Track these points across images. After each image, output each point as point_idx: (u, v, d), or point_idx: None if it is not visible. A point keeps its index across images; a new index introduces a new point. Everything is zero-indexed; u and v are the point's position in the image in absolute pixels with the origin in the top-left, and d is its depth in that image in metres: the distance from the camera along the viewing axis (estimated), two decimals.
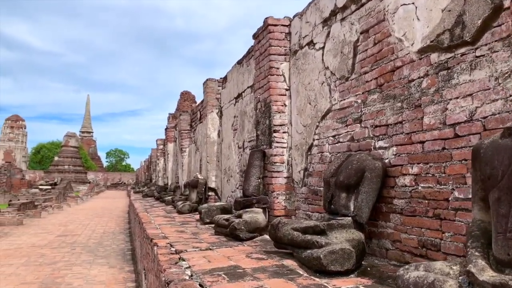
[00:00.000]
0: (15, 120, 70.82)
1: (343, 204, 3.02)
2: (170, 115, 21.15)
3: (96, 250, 10.36)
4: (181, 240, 4.39)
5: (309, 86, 4.26)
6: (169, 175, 14.94)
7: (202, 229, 5.42)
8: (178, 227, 5.69)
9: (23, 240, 11.78)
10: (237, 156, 6.83)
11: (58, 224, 16.13)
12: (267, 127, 4.72)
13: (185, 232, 5.09)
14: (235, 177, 6.94)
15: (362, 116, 3.35)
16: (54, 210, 22.39)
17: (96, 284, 6.98)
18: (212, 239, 4.39)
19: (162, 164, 17.98)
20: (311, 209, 4.16)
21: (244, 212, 4.45)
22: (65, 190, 35.36)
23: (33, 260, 8.98)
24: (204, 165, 8.49)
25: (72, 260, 9.03)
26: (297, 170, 4.48)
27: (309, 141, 4.22)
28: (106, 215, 19.94)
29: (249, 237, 4.23)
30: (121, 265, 8.61)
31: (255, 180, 4.63)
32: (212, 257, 3.40)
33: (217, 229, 4.75)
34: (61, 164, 55.50)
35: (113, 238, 12.50)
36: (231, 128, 7.28)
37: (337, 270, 2.56)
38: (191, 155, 11.10)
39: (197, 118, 10.30)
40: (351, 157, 3.13)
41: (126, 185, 56.55)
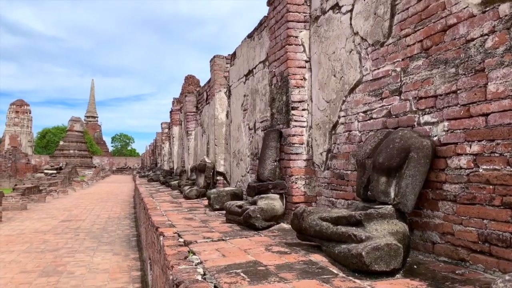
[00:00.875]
0: (20, 105, 70.52)
1: (382, 190, 2.55)
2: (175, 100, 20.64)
3: (100, 236, 10.03)
4: (189, 229, 3.96)
5: (334, 56, 3.75)
6: (175, 159, 14.54)
7: (211, 216, 4.99)
8: (186, 213, 5.27)
9: (26, 226, 11.49)
10: (248, 138, 6.36)
11: (63, 209, 15.86)
12: (284, 104, 4.23)
13: (194, 220, 4.66)
14: (245, 161, 6.49)
15: (402, 87, 2.84)
16: (59, 194, 22.16)
17: (99, 272, 6.62)
18: (224, 228, 3.95)
19: (168, 148, 17.57)
20: (335, 195, 3.69)
21: (259, 198, 3.99)
22: (70, 174, 35.20)
23: (35, 246, 8.66)
24: (211, 148, 8.03)
25: (75, 246, 8.69)
26: (318, 151, 4.00)
27: (334, 119, 3.73)
28: (111, 200, 19.68)
29: (265, 226, 3.78)
30: (126, 252, 8.26)
31: (270, 163, 4.16)
32: (227, 250, 2.96)
33: (229, 217, 4.31)
34: (66, 148, 55.45)
35: (118, 223, 12.18)
36: (240, 108, 6.79)
37: (382, 270, 2.11)
38: (197, 138, 10.64)
39: (204, 99, 9.80)
40: (392, 134, 2.64)
41: (132, 170, 56.52)
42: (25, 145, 68.20)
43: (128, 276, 6.44)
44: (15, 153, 35.81)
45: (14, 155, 35.27)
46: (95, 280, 6.18)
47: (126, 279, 6.26)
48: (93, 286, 5.89)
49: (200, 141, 10.25)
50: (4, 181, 30.93)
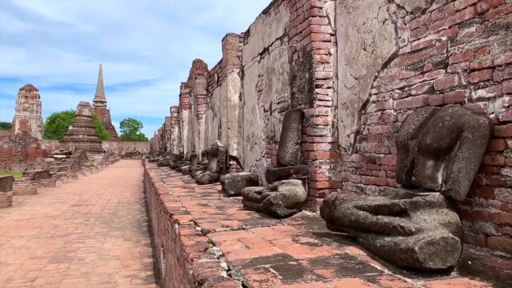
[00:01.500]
0: (29, 90, 70.71)
1: (428, 174, 2.24)
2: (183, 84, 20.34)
3: (110, 221, 9.88)
4: (205, 216, 3.70)
5: (364, 28, 3.39)
6: (185, 143, 14.30)
7: (227, 202, 4.73)
8: (200, 199, 5.02)
9: (36, 210, 11.40)
10: (263, 121, 6.05)
11: (72, 193, 15.80)
12: (306, 81, 3.90)
13: (209, 206, 4.40)
14: (260, 144, 6.19)
15: (448, 59, 2.50)
16: (69, 179, 22.17)
17: (110, 259, 6.45)
18: (243, 216, 3.68)
19: (177, 133, 17.33)
20: (364, 180, 3.39)
21: (280, 184, 3.71)
22: (79, 159, 35.30)
23: (45, 231, 8.53)
24: (224, 132, 7.74)
25: (86, 232, 8.54)
26: (345, 133, 3.69)
27: (364, 97, 3.40)
28: (121, 185, 19.60)
29: (288, 213, 3.51)
30: (137, 238, 8.09)
31: (292, 146, 3.86)
32: (249, 240, 2.69)
33: (247, 203, 4.04)
34: (75, 133, 55.66)
35: (128, 208, 12.05)
36: (255, 90, 6.46)
37: (437, 268, 1.81)
38: (208, 122, 10.35)
39: (215, 81, 9.47)
40: (440, 112, 2.32)
41: (141, 154, 56.69)
42: (35, 130, 68.63)
43: (140, 263, 6.25)
44: (25, 138, 35.94)
45: (24, 140, 35.40)
46: (106, 267, 6.00)
47: (138, 266, 6.08)
48: (104, 273, 5.71)
49: (211, 124, 9.96)
50: (14, 166, 31.14)
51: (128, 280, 5.45)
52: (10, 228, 8.86)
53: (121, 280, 5.41)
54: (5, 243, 7.47)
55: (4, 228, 8.86)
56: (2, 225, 9.21)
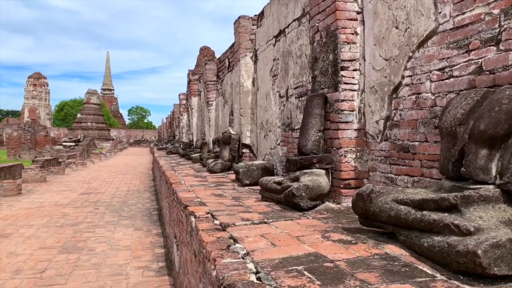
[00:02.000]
0: (37, 78, 70.90)
1: (481, 165, 1.98)
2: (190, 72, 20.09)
3: (120, 210, 9.75)
4: (222, 208, 3.48)
5: (396, 4, 3.10)
6: (194, 131, 14.09)
7: (242, 193, 4.50)
8: (214, 189, 4.80)
9: (45, 198, 11.31)
10: (278, 107, 5.78)
11: (82, 181, 15.73)
12: (330, 64, 3.62)
13: (224, 197, 4.18)
14: (275, 132, 5.94)
15: (501, 34, 2.21)
16: (78, 167, 22.16)
17: (120, 249, 6.29)
18: (262, 208, 3.45)
19: (186, 120, 17.12)
20: (395, 170, 3.13)
21: (302, 174, 3.46)
22: (88, 147, 35.35)
23: (55, 220, 8.41)
24: (236, 119, 7.49)
25: (95, 221, 8.41)
26: (373, 119, 3.42)
27: (395, 80, 3.12)
28: (130, 172, 19.53)
29: (311, 206, 3.27)
30: (148, 227, 7.94)
31: (314, 133, 3.60)
32: (274, 236, 2.46)
33: (265, 194, 3.81)
34: (84, 121, 55.78)
35: (138, 196, 11.92)
36: (269, 74, 6.18)
37: (503, 274, 1.56)
38: (219, 109, 10.11)
39: (225, 67, 9.19)
40: (495, 94, 2.04)
41: (149, 142, 56.80)
42: (43, 117, 68.97)
43: (151, 254, 6.08)
44: (34, 126, 36.00)
45: (33, 127, 35.46)
46: (117, 258, 5.84)
47: (149, 257, 5.91)
48: (115, 264, 5.55)
49: (222, 111, 9.71)
50: (24, 153, 31.26)
51: (139, 272, 5.28)
52: (20, 217, 8.76)
53: (132, 272, 5.25)
54: (15, 232, 7.35)
55: (14, 217, 8.77)
56: (12, 214, 9.12)
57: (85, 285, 4.79)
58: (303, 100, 4.85)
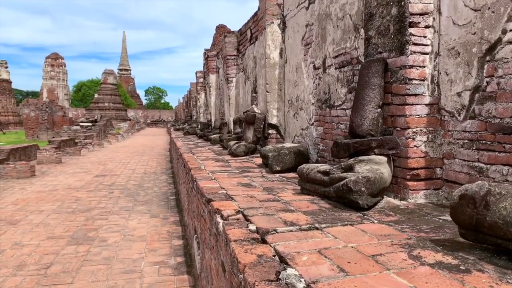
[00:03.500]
0: (55, 58, 71.03)
1: None
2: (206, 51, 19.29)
3: (136, 194, 9.20)
4: (255, 203, 2.76)
5: None
6: (212, 110, 13.37)
7: (274, 182, 3.78)
8: (239, 177, 4.09)
9: (59, 181, 10.87)
10: (312, 81, 4.99)
11: (97, 162, 15.31)
12: (393, 20, 2.80)
13: (254, 187, 3.47)
14: (307, 110, 5.16)
15: None
16: (94, 147, 21.83)
17: (135, 240, 5.70)
18: (305, 204, 2.72)
19: (203, 99, 16.41)
20: (487, 158, 2.34)
21: (357, 162, 2.70)
22: (105, 127, 35.15)
23: (66, 206, 7.90)
24: (261, 96, 6.72)
25: (109, 206, 7.87)
26: (452, 91, 2.61)
27: (491, 36, 2.30)
28: (147, 153, 19.07)
29: (372, 204, 2.52)
30: (164, 214, 7.35)
31: (372, 110, 2.82)
32: (338, 254, 1.73)
33: (306, 186, 3.07)
34: (101, 101, 55.71)
35: (155, 179, 11.37)
36: (300, 43, 5.36)
37: None
38: (239, 86, 9.33)
39: (247, 39, 8.36)
40: None
41: (166, 123, 56.60)
42: (62, 98, 69.38)
43: (168, 246, 5.47)
44: (51, 106, 35.91)
45: (51, 107, 35.37)
46: (131, 251, 5.25)
47: (166, 250, 5.30)
48: (128, 259, 4.95)
49: (243, 89, 8.94)
50: (42, 134, 31.23)
51: (155, 268, 4.67)
52: (31, 201, 8.29)
53: (147, 269, 4.64)
54: (23, 219, 6.86)
55: (25, 201, 8.31)
56: (23, 198, 8.67)
57: (93, 284, 4.20)
58: (346, 71, 4.06)
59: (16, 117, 53.47)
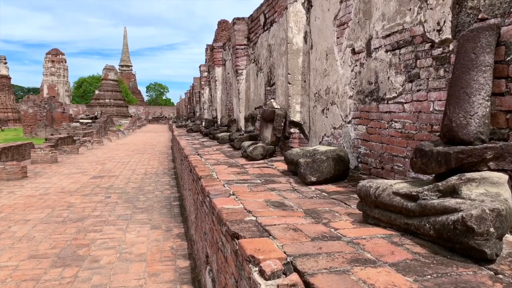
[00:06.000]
0: (55, 54, 70.06)
1: None
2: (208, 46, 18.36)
3: (135, 199, 8.28)
4: (306, 244, 1.83)
5: None
6: (218, 106, 12.43)
7: (313, 199, 2.84)
8: (264, 190, 3.16)
9: (52, 183, 9.95)
10: (350, 69, 4.05)
11: (96, 161, 14.39)
12: None
13: (290, 209, 2.53)
14: (342, 105, 4.22)
15: None
16: (93, 145, 20.92)
17: (133, 261, 4.78)
18: (385, 246, 1.79)
19: (208, 94, 15.45)
20: None
21: (464, 182, 1.76)
22: (105, 124, 34.24)
23: (57, 214, 6.99)
24: (280, 89, 5.77)
25: (105, 214, 6.95)
26: None
27: None
28: (148, 151, 18.15)
29: (499, 251, 1.59)
30: (167, 224, 6.43)
31: (482, 102, 1.88)
32: None
33: (374, 213, 2.13)
34: (101, 97, 54.85)
35: (156, 181, 10.45)
36: (332, 24, 4.42)
37: None
38: (250, 79, 8.38)
39: (260, 26, 7.40)
40: None
41: (167, 119, 55.69)
42: (62, 94, 68.47)
43: (172, 269, 4.55)
44: (50, 102, 35.01)
45: (49, 104, 34.47)
46: (127, 276, 4.34)
47: (170, 275, 4.38)
48: (123, 287, 4.04)
49: (254, 82, 7.99)
50: (40, 131, 30.33)
51: None
52: (18, 208, 7.38)
53: None
54: (5, 231, 5.95)
55: (11, 208, 7.40)
56: (9, 203, 7.76)
57: None
58: (404, 54, 3.12)
59: (15, 114, 52.57)
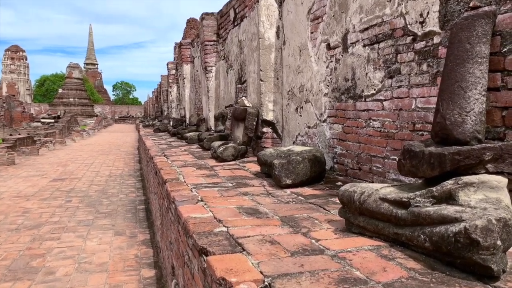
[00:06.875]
0: (15, 51, 66.95)
1: None
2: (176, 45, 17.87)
3: (98, 202, 7.82)
4: (285, 260, 1.58)
5: None
6: (187, 105, 12.05)
7: (289, 204, 2.61)
8: (236, 194, 2.90)
9: (7, 187, 9.29)
10: (325, 65, 3.85)
11: (57, 163, 13.67)
12: None
13: (265, 216, 2.28)
14: (317, 103, 4.02)
15: None
16: (56, 146, 19.97)
17: (93, 271, 4.41)
18: (375, 261, 1.57)
19: (176, 93, 15.02)
20: None
21: (461, 187, 1.57)
22: (69, 123, 32.89)
23: (10, 220, 6.45)
24: (252, 86, 5.52)
25: (64, 220, 6.48)
26: None
27: None
28: (113, 152, 17.49)
29: (505, 266, 1.40)
30: (132, 230, 6.05)
31: (478, 98, 1.70)
32: None
33: (359, 221, 1.91)
34: (65, 96, 52.87)
35: (121, 183, 9.98)
36: (306, 18, 4.21)
37: None
38: (220, 77, 8.09)
39: (230, 21, 7.13)
40: None
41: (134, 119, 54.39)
42: (23, 93, 65.52)
43: (136, 280, 4.21)
44: (9, 101, 33.29)
45: (8, 103, 32.77)
46: None
47: (134, 287, 4.04)
48: None
49: (224, 79, 7.71)
50: None
51: None
52: None
53: None
54: None
55: None
56: None
57: None
58: (383, 48, 2.94)
59: None
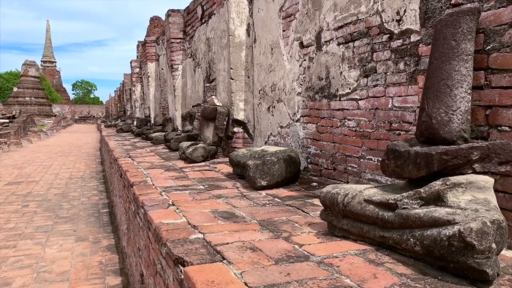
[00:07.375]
0: None
1: None
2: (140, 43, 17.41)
3: (58, 207, 7.40)
4: (270, 269, 1.48)
5: None
6: (151, 104, 11.71)
7: (266, 206, 2.51)
8: (209, 197, 2.76)
9: None
10: (298, 64, 3.78)
11: (12, 165, 12.90)
12: None
13: (242, 220, 2.17)
14: (290, 102, 3.95)
15: None
16: (10, 147, 18.91)
17: (53, 281, 4.12)
18: (364, 267, 1.49)
19: (140, 92, 14.58)
20: None
21: (449, 187, 1.53)
22: (25, 124, 31.31)
23: None
24: (222, 85, 5.38)
25: (21, 226, 6.07)
26: None
27: None
28: (74, 153, 16.75)
29: (499, 269, 1.36)
30: (95, 235, 5.75)
31: (464, 96, 1.66)
32: None
33: (343, 224, 1.84)
34: (21, 95, 50.36)
35: (82, 186, 9.53)
36: (277, 16, 4.13)
37: None
38: (187, 75, 7.89)
39: (197, 18, 6.95)
40: None
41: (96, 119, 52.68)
42: None
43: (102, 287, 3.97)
44: None
45: None
46: None
47: None
48: None
49: (192, 78, 7.51)
50: None
51: None
52: None
53: None
54: None
55: None
56: None
57: None
58: (359, 47, 2.90)
59: None
